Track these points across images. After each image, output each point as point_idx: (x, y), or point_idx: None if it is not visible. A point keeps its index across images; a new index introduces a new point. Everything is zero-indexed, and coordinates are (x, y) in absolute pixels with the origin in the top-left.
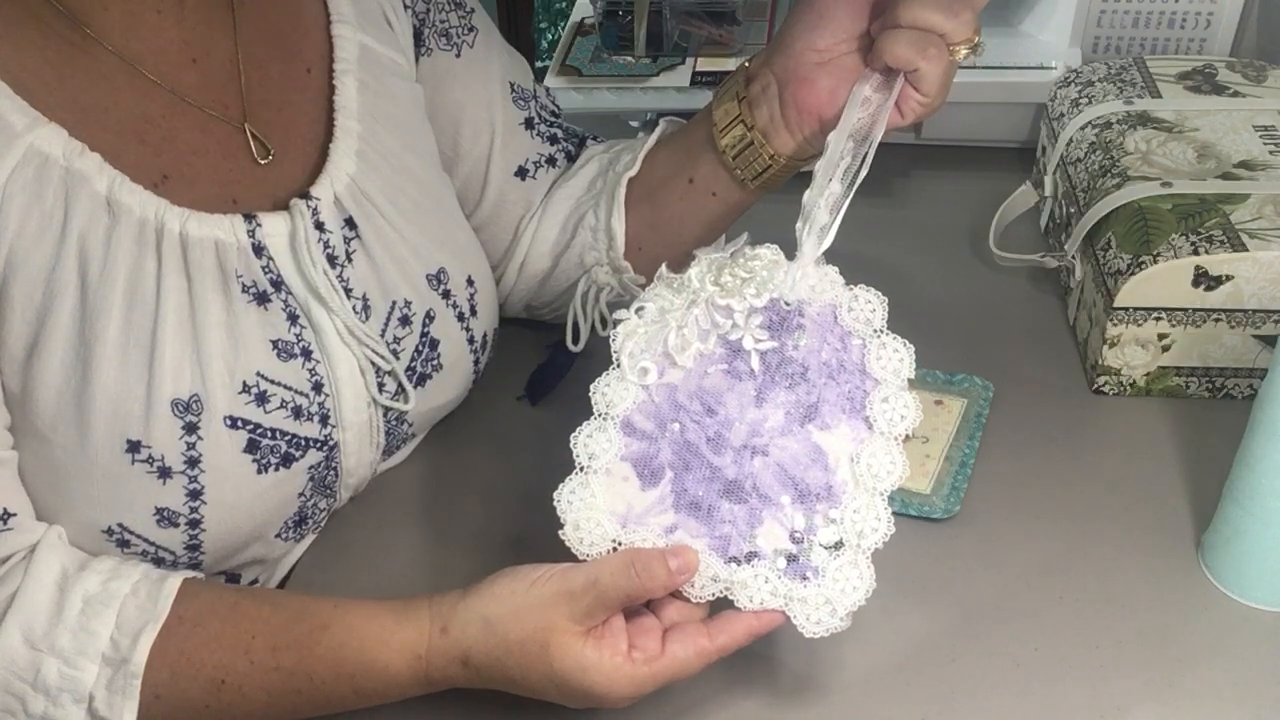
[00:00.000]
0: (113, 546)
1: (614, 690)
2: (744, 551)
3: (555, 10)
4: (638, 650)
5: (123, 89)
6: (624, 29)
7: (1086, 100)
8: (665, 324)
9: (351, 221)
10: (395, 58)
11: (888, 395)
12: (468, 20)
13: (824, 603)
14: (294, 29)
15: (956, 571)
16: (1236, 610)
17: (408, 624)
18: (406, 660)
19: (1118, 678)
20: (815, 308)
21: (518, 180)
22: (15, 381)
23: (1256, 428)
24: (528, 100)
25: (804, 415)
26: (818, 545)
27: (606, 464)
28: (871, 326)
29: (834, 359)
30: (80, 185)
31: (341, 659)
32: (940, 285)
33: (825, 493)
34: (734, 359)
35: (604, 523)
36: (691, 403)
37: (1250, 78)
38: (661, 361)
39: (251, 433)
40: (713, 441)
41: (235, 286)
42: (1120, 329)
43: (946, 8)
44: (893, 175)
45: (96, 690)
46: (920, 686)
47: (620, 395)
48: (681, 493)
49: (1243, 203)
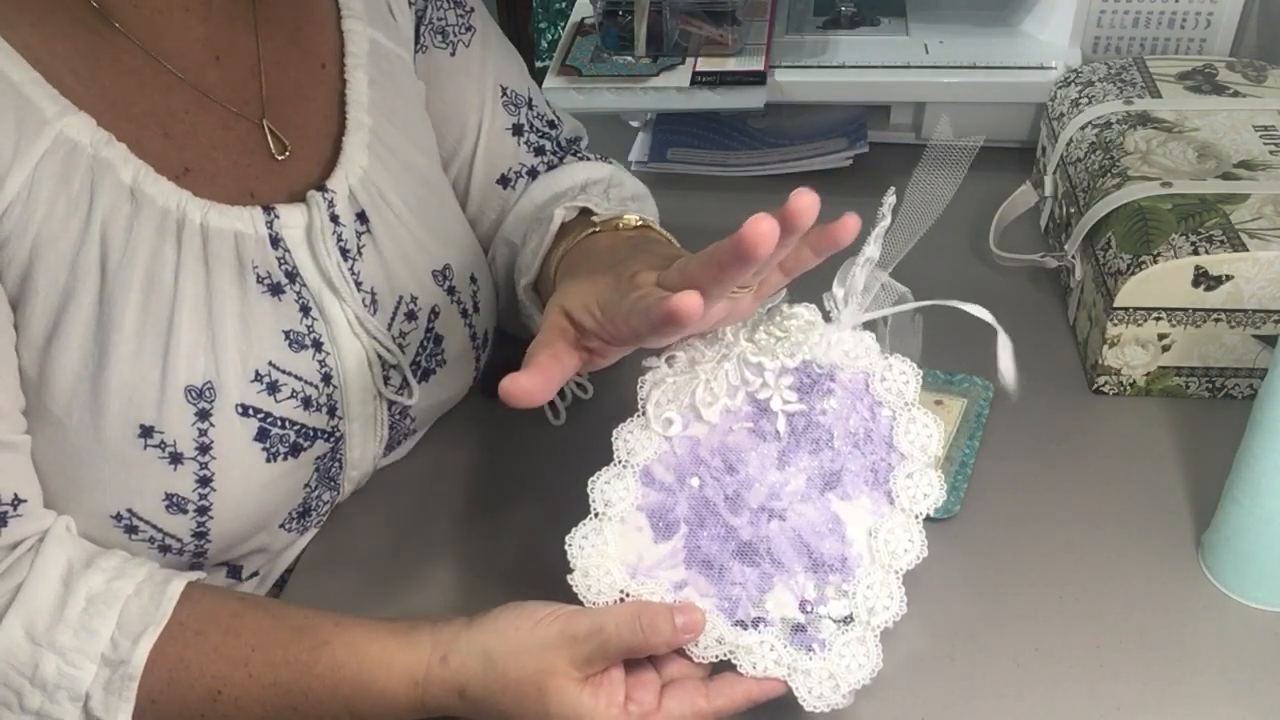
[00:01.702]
0: (120, 533)
1: None
2: (751, 616)
3: (555, 10)
4: (634, 703)
5: (149, 83)
6: (624, 29)
7: (1086, 100)
8: (694, 375)
9: (363, 215)
10: (401, 53)
11: (912, 471)
12: (466, 19)
13: (828, 677)
14: (308, 24)
15: (956, 571)
16: (1236, 610)
17: (409, 649)
18: (404, 686)
19: (1118, 678)
20: (848, 374)
21: (499, 188)
22: (32, 366)
23: (1256, 428)
24: (519, 106)
25: (825, 483)
26: (827, 618)
27: (622, 512)
28: (904, 399)
29: (861, 429)
30: (106, 173)
31: (340, 679)
32: (940, 285)
33: (840, 564)
34: (760, 418)
35: (614, 571)
36: (713, 458)
37: (1250, 78)
38: (686, 414)
39: (262, 421)
40: (731, 500)
41: (251, 277)
42: (1120, 329)
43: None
44: (892, 175)
45: (93, 690)
46: (920, 686)
47: (642, 444)
48: (695, 549)
49: (1243, 203)
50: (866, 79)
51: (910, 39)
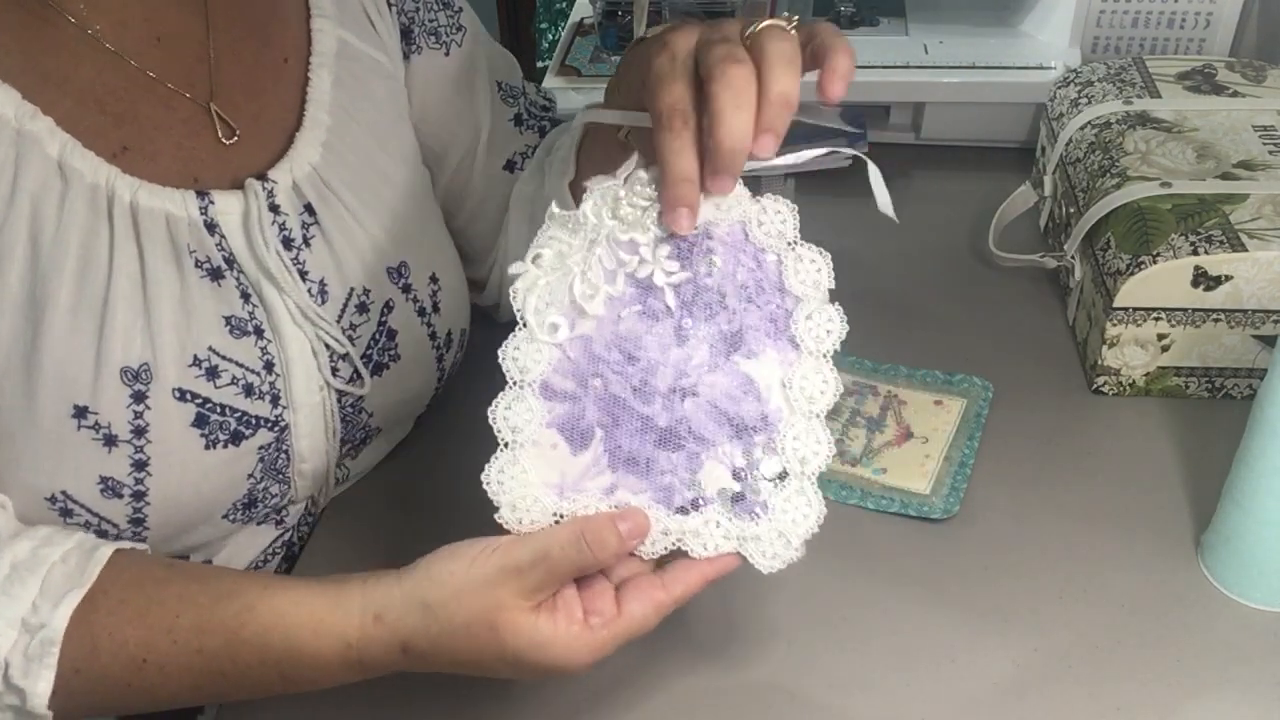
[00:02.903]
0: (56, 516)
1: (574, 660)
2: (689, 499)
3: (555, 10)
4: (594, 615)
5: (84, 59)
6: (624, 29)
7: (1086, 100)
8: (567, 270)
9: (311, 208)
10: (376, 56)
11: (810, 311)
12: (456, 19)
13: (777, 536)
14: (273, 18)
15: (956, 571)
16: (1236, 610)
17: (338, 611)
18: (337, 649)
19: (1118, 678)
20: (723, 228)
21: (506, 174)
22: None
23: (1256, 428)
24: (516, 97)
25: (728, 346)
26: (762, 479)
27: (532, 435)
28: (785, 239)
29: (751, 280)
30: (31, 147)
31: (267, 645)
32: (940, 285)
33: (761, 423)
34: (647, 297)
35: (541, 497)
36: (610, 353)
37: (1250, 78)
38: (570, 313)
39: (200, 406)
40: (639, 390)
41: (189, 261)
42: (1120, 329)
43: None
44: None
45: (13, 657)
46: (920, 686)
47: (533, 358)
48: (615, 450)
49: (1242, 203)
50: (866, 79)
51: (910, 39)
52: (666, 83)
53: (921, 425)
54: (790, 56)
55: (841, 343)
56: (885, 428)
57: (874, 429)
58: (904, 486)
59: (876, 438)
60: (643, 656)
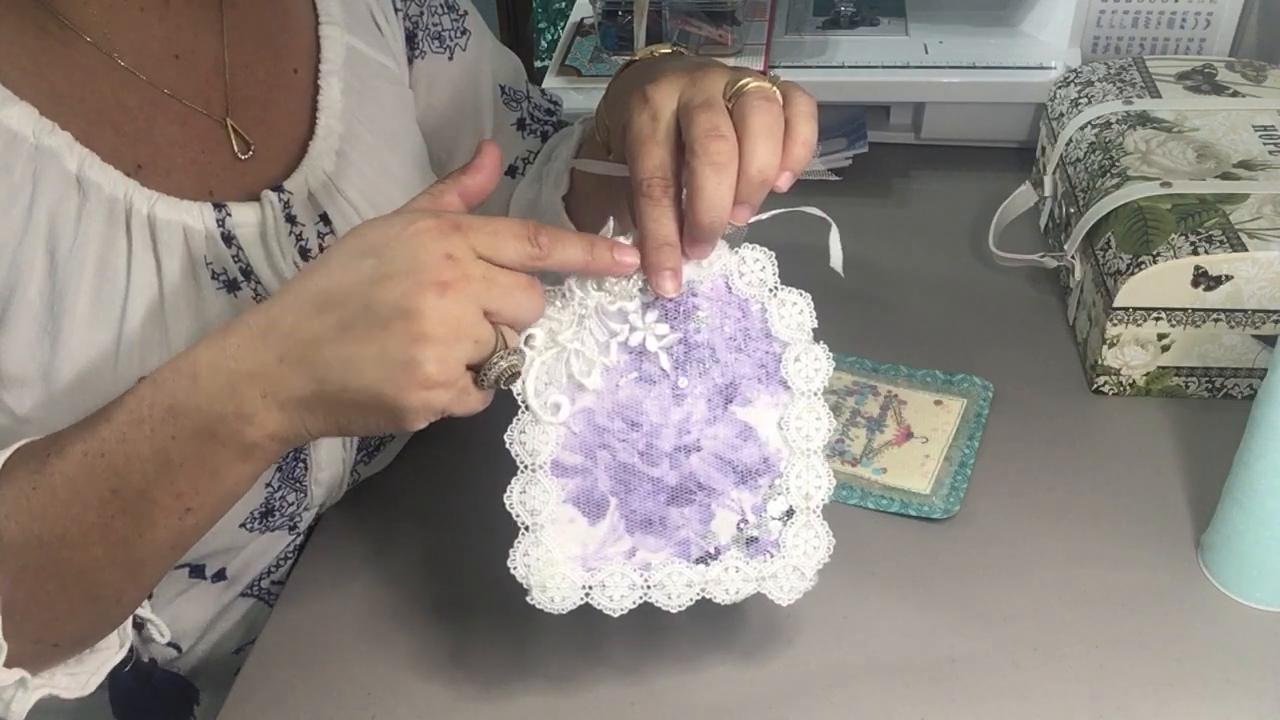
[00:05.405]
0: None
1: (405, 232)
2: (706, 550)
3: (555, 10)
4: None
5: (100, 79)
6: (623, 29)
7: (1086, 100)
8: (560, 347)
9: (326, 218)
10: (384, 61)
11: (798, 354)
12: (460, 23)
13: (792, 571)
14: (283, 29)
15: (956, 571)
16: (1236, 610)
17: (209, 341)
18: (209, 375)
19: (1118, 678)
20: (707, 284)
21: (507, 179)
22: None
23: (1256, 428)
24: (519, 101)
25: (724, 398)
26: (771, 519)
27: (550, 514)
28: (766, 286)
29: (738, 331)
30: (49, 162)
31: (147, 416)
32: (940, 285)
33: (764, 466)
34: (641, 363)
35: (568, 574)
36: (613, 422)
37: (1250, 78)
38: (570, 390)
39: None
40: (645, 454)
41: (205, 273)
42: (1120, 329)
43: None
44: (892, 175)
45: None
46: (920, 686)
47: (540, 440)
48: (630, 514)
49: (1242, 203)
50: (866, 79)
51: (910, 39)
52: (648, 147)
53: (922, 425)
54: (772, 128)
55: (841, 343)
56: (885, 428)
57: (874, 429)
58: (904, 486)
59: (876, 438)
60: (642, 656)
